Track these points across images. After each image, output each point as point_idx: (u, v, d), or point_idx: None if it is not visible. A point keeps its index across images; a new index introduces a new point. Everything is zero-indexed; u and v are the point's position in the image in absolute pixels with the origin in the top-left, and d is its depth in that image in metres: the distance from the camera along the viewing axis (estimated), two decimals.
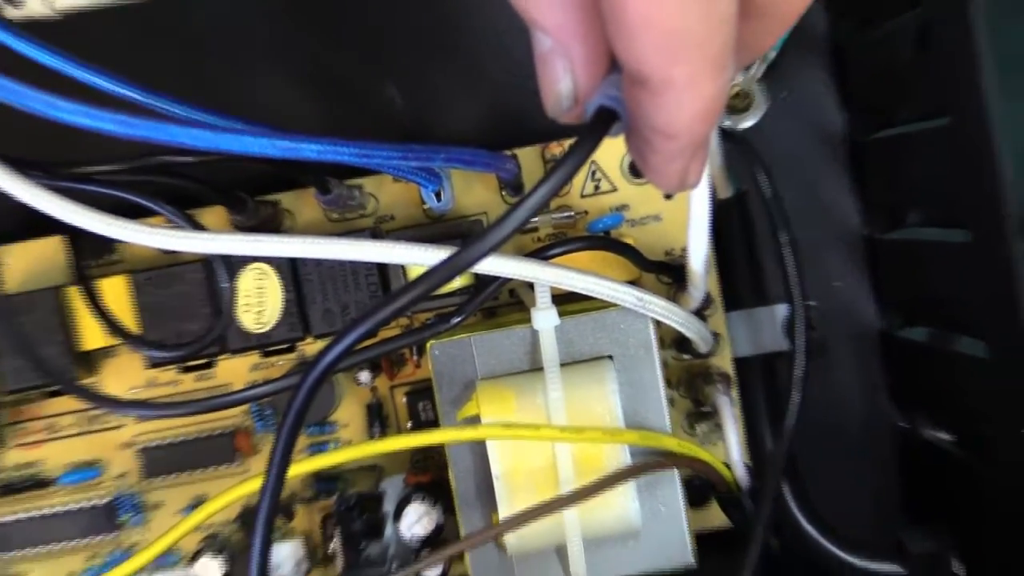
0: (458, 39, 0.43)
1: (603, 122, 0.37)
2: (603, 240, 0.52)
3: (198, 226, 0.49)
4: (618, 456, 0.47)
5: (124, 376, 0.54)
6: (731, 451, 0.52)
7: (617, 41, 0.35)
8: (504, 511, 0.47)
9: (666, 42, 0.35)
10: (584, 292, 0.47)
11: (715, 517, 0.53)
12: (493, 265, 0.45)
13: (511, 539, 0.48)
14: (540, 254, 0.50)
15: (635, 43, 0.35)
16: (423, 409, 0.54)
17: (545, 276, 0.46)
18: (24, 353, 0.51)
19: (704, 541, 0.50)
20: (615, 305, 0.48)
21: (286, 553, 0.53)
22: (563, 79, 0.37)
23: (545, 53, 0.37)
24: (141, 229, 0.45)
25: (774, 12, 0.38)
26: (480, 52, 0.43)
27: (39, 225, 0.47)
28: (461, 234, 0.50)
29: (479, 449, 0.48)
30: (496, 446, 0.47)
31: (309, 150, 0.45)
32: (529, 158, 0.52)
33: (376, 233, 0.52)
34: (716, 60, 0.36)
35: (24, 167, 0.44)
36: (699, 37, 0.35)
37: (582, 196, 0.53)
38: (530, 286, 0.49)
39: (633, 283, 0.48)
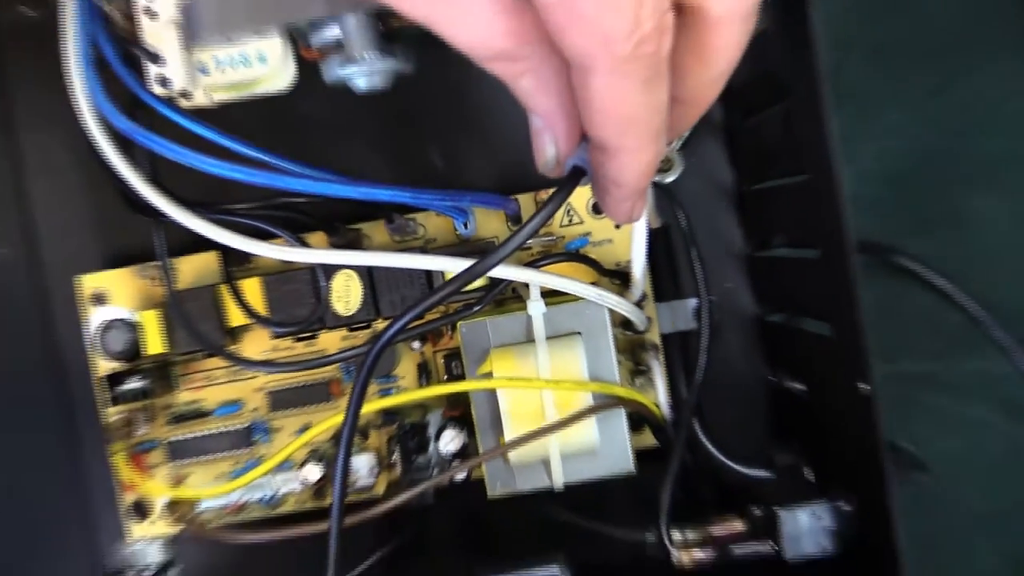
0: (479, 119, 0.43)
1: (575, 176, 0.38)
2: (575, 255, 0.52)
3: (305, 244, 0.49)
4: (584, 399, 0.47)
5: (257, 344, 0.54)
6: (659, 396, 0.52)
7: (587, 122, 0.36)
8: (508, 436, 0.47)
9: (621, 124, 0.36)
10: (562, 290, 0.47)
11: (648, 440, 0.52)
12: (502, 272, 0.46)
13: (513, 455, 0.48)
14: (533, 264, 0.50)
15: (599, 125, 0.36)
16: (455, 367, 0.53)
17: (536, 279, 0.47)
18: (190, 328, 0.51)
19: (641, 456, 0.49)
20: (582, 298, 0.48)
21: (362, 462, 0.53)
22: (549, 148, 0.37)
23: (538, 130, 0.37)
24: (268, 247, 0.45)
25: (692, 103, 0.38)
26: (493, 128, 0.43)
27: (201, 243, 0.47)
28: (480, 251, 0.50)
29: (492, 394, 0.48)
30: (503, 393, 0.47)
31: (381, 194, 0.45)
32: (526, 201, 0.52)
33: (424, 250, 0.52)
34: (654, 136, 0.36)
35: (192, 205, 0.44)
36: (643, 121, 0.36)
37: (560, 226, 0.53)
38: (526, 285, 0.48)
39: (594, 284, 0.48)
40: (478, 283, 0.50)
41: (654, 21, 0.34)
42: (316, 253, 0.47)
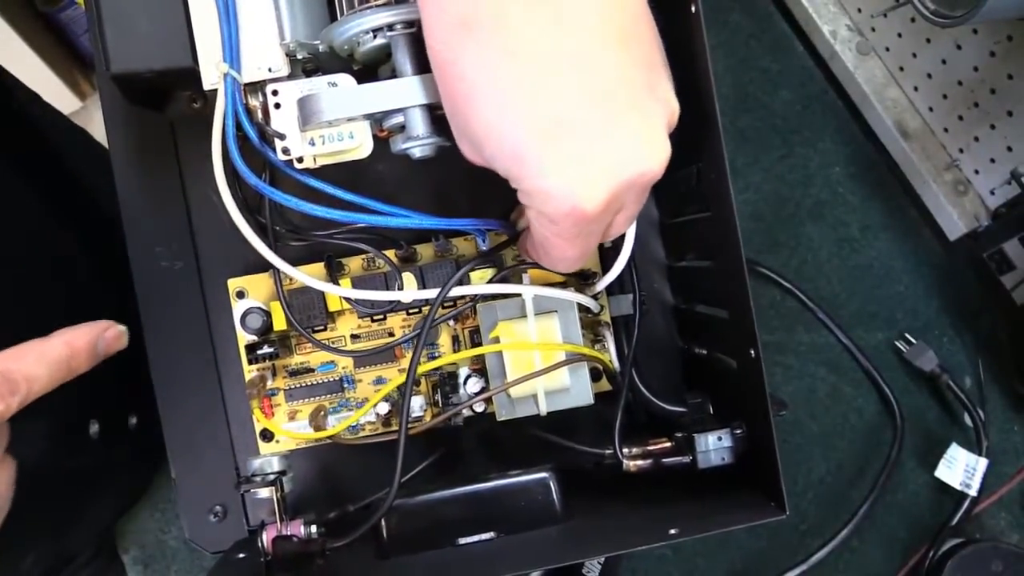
0: (489, 177, 0.41)
1: None
2: None
3: (386, 258, 0.48)
4: (560, 355, 0.46)
5: (348, 323, 0.52)
6: (611, 356, 0.51)
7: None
8: (510, 378, 0.46)
9: (567, 264, 0.40)
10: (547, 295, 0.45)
11: (605, 386, 0.51)
12: (507, 288, 0.47)
13: (513, 391, 0.46)
14: (523, 267, 0.49)
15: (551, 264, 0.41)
16: (475, 337, 0.52)
17: (529, 290, 0.45)
18: (298, 314, 0.49)
19: (599, 397, 0.48)
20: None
21: (416, 401, 0.51)
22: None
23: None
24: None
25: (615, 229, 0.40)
26: (497, 181, 0.42)
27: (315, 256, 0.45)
28: (494, 259, 0.49)
29: (500, 354, 0.46)
30: (507, 352, 0.46)
31: (428, 223, 0.43)
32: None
33: (458, 264, 0.50)
34: (586, 256, 0.39)
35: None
36: (578, 260, 0.40)
37: None
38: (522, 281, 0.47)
39: (564, 284, 0.48)
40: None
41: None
42: (398, 294, 0.48)
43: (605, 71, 0.33)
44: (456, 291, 0.46)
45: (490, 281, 0.48)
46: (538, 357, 0.46)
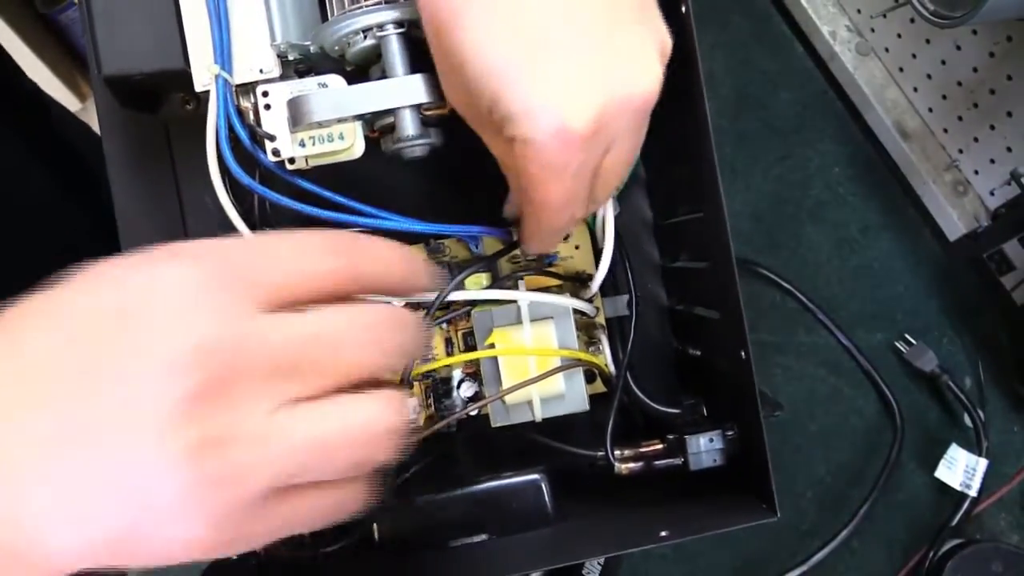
0: (481, 177, 0.41)
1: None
2: (547, 267, 0.51)
3: None
4: (556, 361, 0.46)
5: None
6: (606, 358, 0.51)
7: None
8: (505, 384, 0.46)
9: (553, 218, 0.39)
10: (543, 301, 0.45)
11: (599, 388, 0.51)
12: (504, 294, 0.47)
13: (508, 398, 0.46)
14: (521, 272, 0.49)
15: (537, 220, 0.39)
16: (469, 340, 0.52)
17: (524, 297, 0.46)
18: None
19: (593, 399, 0.48)
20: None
21: (410, 404, 0.51)
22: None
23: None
24: None
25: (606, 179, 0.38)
26: (491, 182, 0.42)
27: None
28: (486, 263, 0.49)
29: (494, 359, 0.46)
30: (502, 359, 0.46)
31: (421, 227, 0.43)
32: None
33: (450, 266, 0.50)
34: (575, 208, 0.38)
35: None
36: (565, 208, 0.37)
37: None
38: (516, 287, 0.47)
39: (559, 287, 0.48)
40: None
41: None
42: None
43: None
44: (451, 296, 0.46)
45: (487, 288, 0.48)
46: (533, 363, 0.46)
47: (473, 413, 0.48)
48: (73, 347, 0.26)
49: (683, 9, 0.41)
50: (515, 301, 0.47)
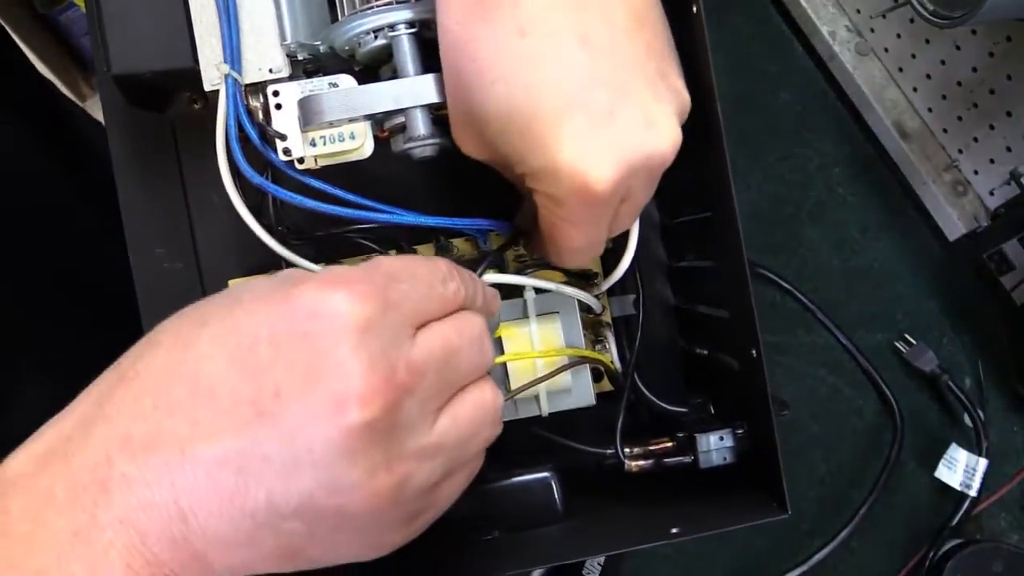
0: (490, 175, 0.41)
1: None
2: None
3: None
4: (562, 360, 0.46)
5: None
6: (613, 356, 0.51)
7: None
8: (512, 379, 0.46)
9: (574, 255, 0.41)
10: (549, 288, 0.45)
11: (606, 386, 0.51)
12: (512, 279, 0.45)
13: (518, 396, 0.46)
14: (528, 268, 0.49)
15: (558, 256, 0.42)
16: None
17: (531, 282, 0.46)
18: None
19: (601, 397, 0.48)
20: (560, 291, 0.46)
21: None
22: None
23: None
24: None
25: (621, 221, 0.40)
26: (499, 180, 0.42)
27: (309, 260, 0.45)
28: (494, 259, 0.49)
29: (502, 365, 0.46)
30: (510, 364, 0.46)
31: (430, 222, 0.44)
32: None
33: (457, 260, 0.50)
34: (594, 247, 0.41)
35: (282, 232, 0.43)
36: (585, 250, 0.41)
37: None
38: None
39: (566, 282, 0.47)
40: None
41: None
42: None
43: (618, 53, 0.33)
44: None
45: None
46: (540, 362, 0.46)
47: None
48: (249, 377, 0.28)
49: (694, 9, 0.41)
50: (522, 296, 0.47)
